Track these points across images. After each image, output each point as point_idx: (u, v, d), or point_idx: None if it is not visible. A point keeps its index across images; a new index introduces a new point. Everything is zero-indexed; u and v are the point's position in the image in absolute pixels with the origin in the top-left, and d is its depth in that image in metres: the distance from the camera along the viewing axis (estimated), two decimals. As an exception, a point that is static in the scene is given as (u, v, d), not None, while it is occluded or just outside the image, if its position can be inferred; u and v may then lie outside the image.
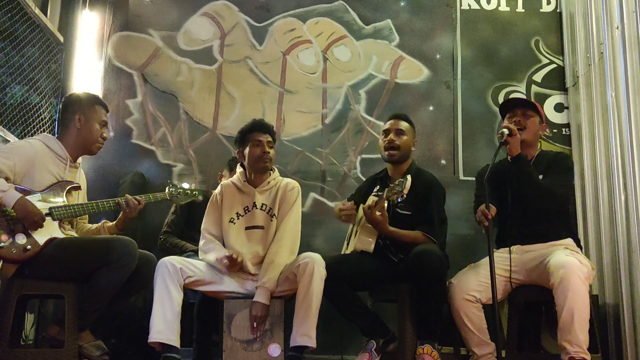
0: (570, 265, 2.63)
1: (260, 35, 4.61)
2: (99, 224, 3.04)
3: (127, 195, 2.94)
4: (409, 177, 2.78)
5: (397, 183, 2.82)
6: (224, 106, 4.50)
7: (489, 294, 2.79)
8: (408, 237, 3.01)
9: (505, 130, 2.85)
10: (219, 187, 3.18)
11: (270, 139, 3.08)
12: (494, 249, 2.82)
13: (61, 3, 4.39)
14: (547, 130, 4.28)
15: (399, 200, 2.81)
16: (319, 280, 2.78)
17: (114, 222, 3.01)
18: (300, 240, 3.09)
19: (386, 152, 3.19)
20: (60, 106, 3.01)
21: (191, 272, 2.87)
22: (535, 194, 2.86)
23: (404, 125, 3.22)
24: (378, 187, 3.23)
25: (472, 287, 2.84)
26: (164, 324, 2.71)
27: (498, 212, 2.97)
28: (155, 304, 2.75)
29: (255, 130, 3.07)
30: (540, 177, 2.94)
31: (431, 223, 3.04)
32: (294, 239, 3.04)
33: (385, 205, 2.97)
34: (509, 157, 2.91)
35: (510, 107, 3.10)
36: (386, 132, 3.22)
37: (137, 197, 2.95)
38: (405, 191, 2.75)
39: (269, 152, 3.05)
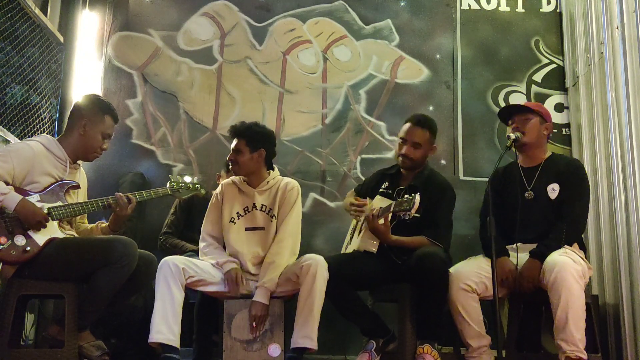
0: (563, 265, 2.63)
1: (260, 35, 4.61)
2: (94, 224, 3.01)
3: (117, 193, 2.87)
4: (417, 196, 2.73)
5: (405, 200, 2.78)
6: (224, 106, 4.50)
7: (486, 286, 2.79)
8: (412, 244, 2.97)
9: (517, 135, 2.88)
10: (219, 187, 3.17)
11: (237, 143, 3.01)
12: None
13: (61, 3, 4.38)
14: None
15: (406, 218, 2.79)
16: (322, 283, 2.78)
17: (108, 223, 2.98)
18: (301, 240, 3.09)
19: (399, 158, 3.14)
20: (72, 106, 2.98)
21: (193, 272, 2.85)
22: None
23: (421, 136, 3.08)
24: (387, 183, 3.21)
25: (469, 276, 2.82)
26: (164, 324, 2.70)
27: (501, 213, 2.97)
28: (156, 303, 2.74)
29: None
30: (554, 185, 2.94)
31: (438, 227, 3.02)
32: (295, 240, 3.04)
33: (390, 216, 2.94)
34: None
35: (508, 114, 3.07)
36: (403, 141, 3.11)
37: (129, 194, 2.88)
38: (413, 211, 2.72)
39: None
